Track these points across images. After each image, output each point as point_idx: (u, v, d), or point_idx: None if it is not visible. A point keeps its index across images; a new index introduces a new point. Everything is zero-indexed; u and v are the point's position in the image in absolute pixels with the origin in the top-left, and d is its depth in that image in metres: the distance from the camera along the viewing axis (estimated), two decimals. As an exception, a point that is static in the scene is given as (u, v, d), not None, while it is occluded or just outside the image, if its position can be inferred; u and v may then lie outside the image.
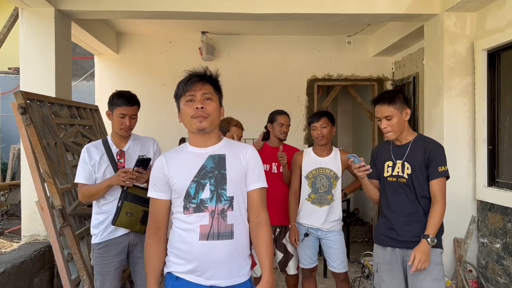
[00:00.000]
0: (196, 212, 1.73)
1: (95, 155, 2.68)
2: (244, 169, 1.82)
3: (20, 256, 3.33)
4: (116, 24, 5.74)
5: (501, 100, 3.80)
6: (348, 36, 6.03)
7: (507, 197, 3.53)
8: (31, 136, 3.17)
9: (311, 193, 3.16)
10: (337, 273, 3.18)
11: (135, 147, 2.80)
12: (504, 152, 3.75)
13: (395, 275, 2.53)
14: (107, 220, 2.66)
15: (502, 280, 3.57)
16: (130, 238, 2.70)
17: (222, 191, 1.75)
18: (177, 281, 1.77)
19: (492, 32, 3.76)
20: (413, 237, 2.44)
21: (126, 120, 2.71)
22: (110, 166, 2.68)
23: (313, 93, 6.33)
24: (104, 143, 2.75)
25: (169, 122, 5.95)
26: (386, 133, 2.53)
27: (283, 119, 3.44)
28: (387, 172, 2.57)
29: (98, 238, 2.67)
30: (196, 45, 5.96)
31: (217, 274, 1.74)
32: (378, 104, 2.53)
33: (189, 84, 1.77)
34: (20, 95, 3.18)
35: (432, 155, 2.44)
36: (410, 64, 5.75)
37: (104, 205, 2.69)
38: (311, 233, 3.18)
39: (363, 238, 6.18)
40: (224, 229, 1.73)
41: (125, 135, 2.76)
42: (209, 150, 1.81)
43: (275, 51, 6.23)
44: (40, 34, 3.96)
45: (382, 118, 2.51)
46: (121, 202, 2.62)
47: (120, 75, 6.15)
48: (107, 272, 2.65)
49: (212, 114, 1.77)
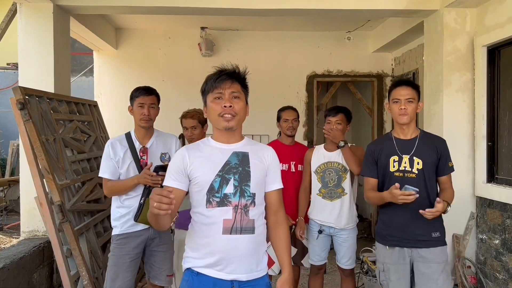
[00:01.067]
0: (219, 206, 1.75)
1: (120, 151, 2.70)
2: (265, 169, 1.87)
3: (19, 252, 3.33)
4: (115, 20, 5.72)
5: (500, 97, 3.79)
6: (348, 32, 6.01)
7: (506, 193, 3.53)
8: (30, 132, 3.17)
9: (321, 188, 3.15)
10: (344, 268, 3.18)
11: (158, 144, 2.81)
12: (503, 149, 3.75)
13: (401, 275, 2.50)
14: (128, 214, 2.70)
15: (501, 276, 3.58)
16: (150, 232, 2.75)
17: (245, 187, 1.78)
18: (198, 277, 1.78)
19: (492, 28, 3.75)
20: (424, 235, 2.43)
21: (145, 109, 2.72)
22: (133, 162, 2.71)
23: (312, 89, 6.32)
24: (128, 139, 2.77)
25: (168, 118, 5.90)
26: (403, 115, 2.49)
27: (286, 114, 3.42)
28: (393, 167, 2.51)
29: (119, 230, 2.72)
30: (195, 41, 5.95)
31: (238, 268, 1.76)
32: (402, 85, 2.50)
33: (218, 82, 1.78)
34: (19, 91, 3.17)
35: (443, 151, 2.49)
36: (410, 60, 5.74)
37: (126, 200, 2.72)
38: (324, 230, 3.16)
39: (362, 234, 6.18)
40: (247, 224, 1.76)
41: (145, 125, 2.74)
42: (233, 147, 1.84)
43: (275, 47, 6.21)
44: (39, 30, 3.94)
45: (402, 100, 2.47)
46: (144, 199, 2.64)
47: (119, 70, 6.13)
48: (122, 264, 2.68)
49: (239, 113, 1.80)
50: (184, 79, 6.06)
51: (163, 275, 2.84)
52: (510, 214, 3.50)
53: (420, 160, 2.46)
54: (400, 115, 2.49)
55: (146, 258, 2.85)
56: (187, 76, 6.05)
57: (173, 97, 6.02)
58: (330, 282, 4.31)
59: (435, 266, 2.43)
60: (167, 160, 2.75)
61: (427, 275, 2.42)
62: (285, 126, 3.40)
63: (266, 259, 1.89)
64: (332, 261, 3.50)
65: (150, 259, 2.82)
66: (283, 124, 3.41)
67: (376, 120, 6.43)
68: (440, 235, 2.50)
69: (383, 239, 2.58)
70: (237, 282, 1.77)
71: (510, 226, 3.50)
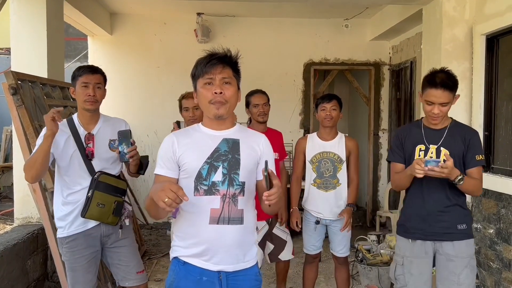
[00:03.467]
0: (207, 194, 1.70)
1: (60, 138, 2.37)
2: (257, 157, 1.80)
3: (13, 238, 3.30)
4: (110, 4, 5.63)
5: (498, 86, 3.77)
6: (346, 19, 5.95)
7: (502, 183, 3.53)
8: (23, 118, 3.13)
9: (316, 178, 3.12)
10: (338, 256, 3.19)
11: (105, 129, 2.51)
12: (500, 138, 3.74)
13: (423, 269, 2.44)
14: (74, 211, 2.42)
15: (495, 265, 3.60)
16: (102, 229, 2.49)
17: (234, 175, 1.72)
18: (184, 266, 1.75)
19: (492, 16, 3.71)
20: (448, 228, 2.37)
21: (90, 89, 2.39)
22: (77, 150, 2.41)
23: (309, 77, 6.28)
24: (70, 124, 2.44)
25: (163, 105, 5.91)
26: (435, 121, 2.36)
27: (256, 98, 3.19)
28: (418, 157, 2.39)
29: (66, 232, 2.43)
30: (191, 27, 5.87)
31: (225, 259, 1.73)
32: (439, 88, 2.27)
33: (208, 66, 1.70)
34: (11, 75, 3.12)
35: (472, 143, 2.36)
36: (408, 49, 5.70)
37: (70, 195, 2.44)
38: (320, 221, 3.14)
39: (357, 222, 6.21)
40: (235, 214, 1.71)
41: (91, 108, 2.43)
42: (223, 134, 1.77)
43: (272, 34, 6.15)
44: (31, 13, 3.86)
45: (436, 104, 2.30)
46: (92, 192, 2.39)
47: (114, 56, 6.06)
48: (78, 268, 2.44)
49: (230, 100, 1.72)
50: (180, 65, 5.98)
51: (132, 273, 2.57)
52: (506, 203, 3.51)
53: (447, 151, 2.36)
54: (433, 121, 2.38)
55: (108, 260, 2.57)
56: (183, 62, 5.95)
57: (169, 83, 5.98)
58: (325, 270, 4.32)
59: (458, 260, 2.36)
60: (116, 148, 2.47)
61: (449, 269, 2.36)
62: (255, 111, 3.16)
63: (255, 250, 1.85)
64: (326, 249, 3.50)
65: (114, 259, 2.55)
66: (253, 109, 3.17)
67: (373, 109, 6.42)
68: (467, 227, 2.42)
69: (406, 232, 2.49)
70: (223, 272, 1.73)
71: (505, 216, 3.51)
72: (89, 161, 2.44)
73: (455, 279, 2.35)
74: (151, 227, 5.83)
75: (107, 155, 2.49)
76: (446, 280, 2.39)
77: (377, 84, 6.36)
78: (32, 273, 3.40)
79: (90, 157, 2.43)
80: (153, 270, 4.36)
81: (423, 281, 2.45)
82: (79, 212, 2.41)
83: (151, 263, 4.57)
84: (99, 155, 2.46)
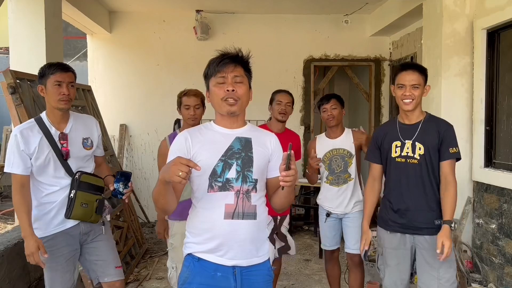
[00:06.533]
0: (221, 190, 1.73)
1: (33, 140, 2.32)
2: (268, 156, 1.84)
3: (14, 238, 3.30)
4: (109, 2, 5.61)
5: (499, 81, 3.76)
6: (346, 15, 5.93)
7: (504, 178, 3.52)
8: (22, 117, 3.11)
9: (329, 175, 3.15)
10: (352, 254, 3.11)
11: (77, 127, 2.47)
12: (501, 133, 3.73)
13: (401, 261, 2.47)
14: (52, 211, 2.38)
15: (497, 260, 3.60)
16: (81, 227, 2.45)
17: (248, 172, 1.76)
18: (199, 263, 1.77)
19: (492, 10, 3.69)
20: (426, 223, 2.39)
21: (64, 88, 2.34)
22: (52, 151, 2.35)
23: (309, 74, 6.26)
24: (40, 125, 2.38)
25: (163, 103, 5.90)
26: (407, 101, 2.38)
27: (281, 96, 3.24)
28: (395, 153, 2.46)
29: (43, 232, 2.37)
30: (190, 24, 5.85)
31: (239, 254, 1.75)
32: (408, 70, 2.38)
33: (221, 65, 1.76)
34: (10, 74, 3.11)
35: (446, 135, 2.38)
36: (408, 44, 5.67)
37: (47, 195, 2.38)
38: (331, 213, 3.15)
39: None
40: (248, 209, 1.75)
41: (65, 107, 2.37)
42: (236, 132, 1.81)
43: (272, 31, 6.13)
44: (30, 12, 3.85)
45: (407, 86, 2.36)
46: (75, 193, 2.36)
47: (113, 54, 6.04)
48: (56, 267, 2.39)
49: (242, 98, 1.77)
50: (179, 63, 5.98)
51: (111, 268, 2.54)
52: (507, 198, 3.50)
53: (421, 145, 2.40)
54: (404, 102, 2.40)
55: (86, 257, 2.53)
56: (182, 60, 5.98)
57: (168, 81, 5.97)
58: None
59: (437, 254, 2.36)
60: (89, 146, 2.47)
61: (428, 263, 2.38)
62: (277, 108, 3.19)
63: (268, 245, 1.87)
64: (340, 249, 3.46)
65: (92, 256, 2.51)
66: (276, 106, 3.20)
67: (374, 105, 6.40)
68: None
69: (385, 224, 2.55)
70: (238, 267, 1.76)
71: (507, 211, 3.50)
72: (65, 161, 2.40)
73: (435, 274, 2.38)
74: (152, 225, 5.82)
75: (81, 153, 2.47)
76: (426, 274, 2.40)
77: (378, 80, 6.34)
78: (33, 273, 3.40)
79: (66, 157, 2.39)
80: (155, 268, 4.36)
81: (400, 271, 2.48)
82: (57, 212, 2.38)
83: (152, 261, 4.56)
84: (74, 154, 2.43)
